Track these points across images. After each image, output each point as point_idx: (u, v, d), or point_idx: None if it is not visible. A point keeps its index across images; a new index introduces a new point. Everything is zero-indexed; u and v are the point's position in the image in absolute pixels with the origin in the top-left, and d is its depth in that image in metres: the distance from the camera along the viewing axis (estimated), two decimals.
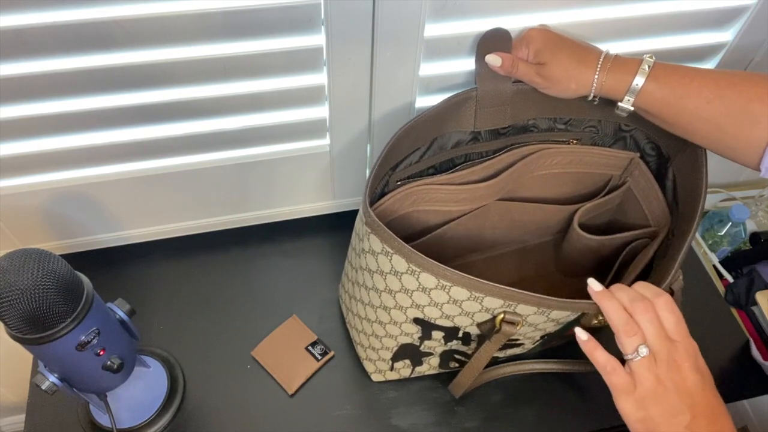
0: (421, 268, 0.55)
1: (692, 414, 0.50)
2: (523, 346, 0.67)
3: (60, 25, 0.52)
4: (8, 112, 0.59)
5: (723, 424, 0.50)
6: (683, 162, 0.66)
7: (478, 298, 0.55)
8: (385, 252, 0.56)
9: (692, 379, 0.51)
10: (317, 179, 0.79)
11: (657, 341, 0.51)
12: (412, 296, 0.58)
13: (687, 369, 0.51)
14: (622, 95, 0.59)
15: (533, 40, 0.61)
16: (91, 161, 0.68)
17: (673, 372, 0.51)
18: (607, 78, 0.58)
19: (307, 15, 0.57)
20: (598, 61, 0.59)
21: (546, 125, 0.70)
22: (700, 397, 0.50)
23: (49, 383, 0.55)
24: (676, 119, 0.58)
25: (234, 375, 0.74)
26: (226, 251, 0.84)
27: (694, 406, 0.50)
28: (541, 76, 0.61)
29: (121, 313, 0.60)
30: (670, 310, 0.53)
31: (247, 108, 0.66)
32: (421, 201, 0.68)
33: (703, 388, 0.51)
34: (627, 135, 0.71)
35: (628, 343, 0.52)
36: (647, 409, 0.51)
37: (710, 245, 0.96)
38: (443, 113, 0.64)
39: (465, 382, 0.67)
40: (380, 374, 0.73)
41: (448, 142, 0.68)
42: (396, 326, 0.63)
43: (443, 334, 0.63)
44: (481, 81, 0.64)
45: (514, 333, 0.58)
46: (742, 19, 0.69)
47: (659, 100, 0.57)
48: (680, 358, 0.51)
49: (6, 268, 0.48)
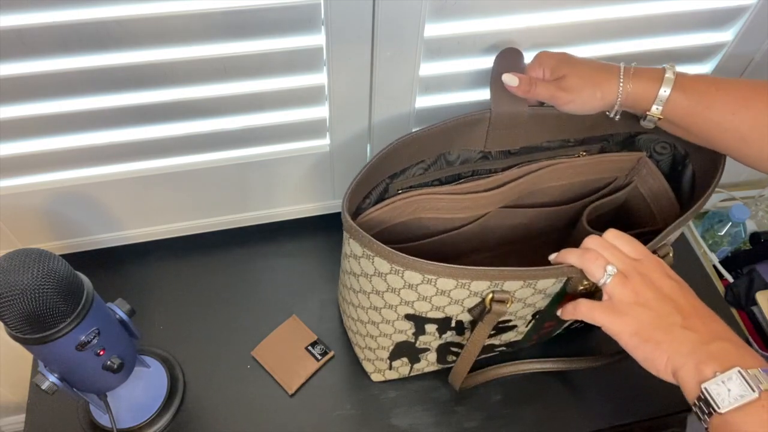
0: (404, 267, 0.55)
1: (682, 314, 0.49)
2: (517, 330, 0.67)
3: (60, 25, 0.52)
4: (8, 112, 0.59)
5: (718, 324, 0.49)
6: (702, 156, 0.65)
7: (465, 285, 0.56)
8: (366, 255, 0.57)
9: (668, 285, 0.51)
10: (317, 179, 0.79)
11: (620, 262, 0.52)
12: (400, 294, 0.58)
13: (659, 278, 0.51)
14: (650, 104, 0.57)
15: (546, 60, 0.60)
16: (91, 161, 0.68)
17: (647, 283, 0.51)
18: (633, 86, 0.57)
19: (307, 15, 0.57)
20: (619, 72, 0.57)
21: (558, 144, 0.69)
22: (683, 301, 0.50)
23: (49, 383, 0.55)
24: (700, 130, 0.57)
25: (234, 375, 0.74)
26: (226, 251, 0.84)
27: (680, 308, 0.50)
28: (562, 89, 0.58)
29: (121, 313, 0.60)
30: (619, 236, 0.54)
31: (247, 108, 0.66)
32: (423, 209, 0.68)
33: (682, 292, 0.51)
34: (636, 139, 0.70)
35: (594, 268, 0.52)
36: (637, 320, 0.50)
37: (710, 245, 0.96)
38: (453, 131, 0.63)
39: (463, 369, 0.67)
40: (380, 374, 0.73)
41: (457, 159, 0.67)
42: (389, 325, 0.63)
43: (436, 327, 0.63)
44: (496, 104, 0.62)
45: (505, 311, 0.58)
46: (742, 19, 0.69)
47: (685, 110, 0.56)
48: (648, 270, 0.52)
49: (6, 268, 0.48)
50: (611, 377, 0.75)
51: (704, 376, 0.46)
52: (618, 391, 0.75)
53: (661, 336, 0.49)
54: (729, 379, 0.44)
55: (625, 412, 0.74)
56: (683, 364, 0.47)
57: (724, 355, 0.46)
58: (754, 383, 0.43)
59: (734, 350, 0.47)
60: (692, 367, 0.46)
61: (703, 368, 0.46)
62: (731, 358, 0.46)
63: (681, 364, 0.47)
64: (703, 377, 0.45)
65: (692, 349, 0.47)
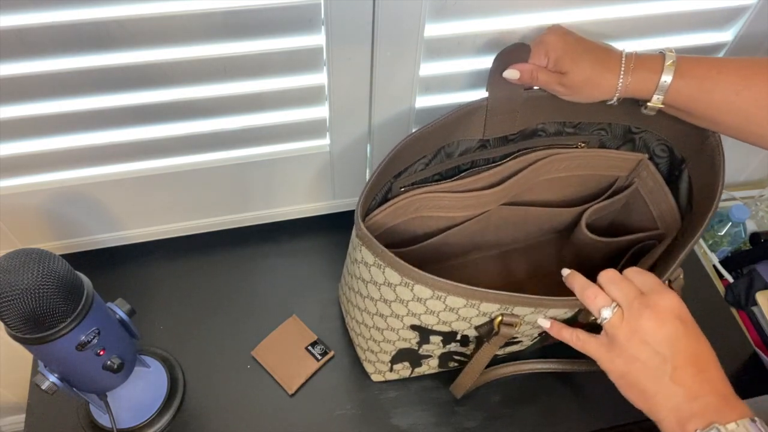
0: (414, 281, 0.55)
1: (673, 364, 0.49)
2: (521, 344, 0.67)
3: (60, 25, 0.52)
4: (8, 112, 0.59)
5: (712, 373, 0.49)
6: (699, 163, 0.65)
7: (474, 305, 0.55)
8: (378, 264, 0.57)
9: (670, 326, 0.50)
10: (317, 179, 0.79)
11: (624, 297, 0.52)
12: (408, 306, 0.58)
13: (663, 316, 0.50)
14: (650, 94, 0.57)
15: (552, 47, 0.58)
16: (91, 161, 0.68)
17: (647, 321, 0.50)
18: (632, 79, 0.57)
19: (307, 15, 0.57)
20: (620, 64, 0.57)
21: (554, 129, 0.69)
22: (682, 345, 0.49)
23: (49, 383, 0.55)
24: (703, 112, 0.57)
25: (234, 375, 0.74)
26: (226, 251, 0.84)
27: (676, 355, 0.49)
28: (562, 85, 0.59)
29: (121, 313, 0.60)
30: (640, 272, 0.53)
31: (248, 108, 0.66)
32: (425, 208, 0.68)
33: (686, 335, 0.50)
34: (636, 137, 0.70)
35: (592, 307, 0.52)
36: (627, 364, 0.50)
37: (710, 245, 0.96)
38: (451, 123, 0.63)
39: (466, 383, 0.67)
40: (380, 375, 0.73)
41: (456, 150, 0.67)
42: (393, 332, 0.63)
43: (441, 338, 0.63)
44: (492, 89, 0.62)
45: (512, 334, 0.58)
46: (742, 19, 0.69)
47: (687, 96, 0.56)
48: (654, 305, 0.50)
49: (6, 268, 0.48)
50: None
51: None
52: (618, 392, 0.75)
53: (648, 385, 0.50)
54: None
55: (625, 412, 0.74)
56: (665, 418, 0.49)
57: (706, 412, 0.47)
58: None
59: (716, 405, 0.47)
60: (674, 422, 0.48)
61: (685, 426, 0.47)
62: (712, 414, 0.47)
63: (663, 418, 0.49)
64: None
65: (676, 405, 0.48)
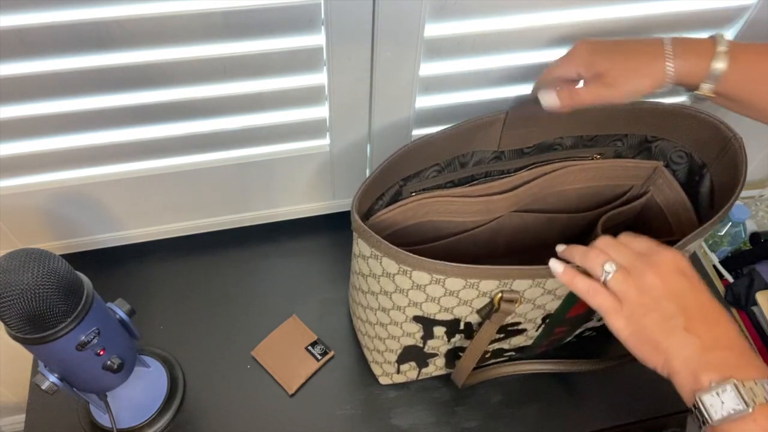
0: (412, 267, 0.55)
1: (686, 316, 0.47)
2: (526, 333, 0.67)
3: (60, 25, 0.52)
4: (8, 112, 0.59)
5: (724, 328, 0.47)
6: (721, 165, 0.64)
7: (473, 285, 0.56)
8: (374, 255, 0.57)
9: (677, 281, 0.48)
10: (317, 179, 0.79)
11: (624, 257, 0.50)
12: (408, 295, 0.58)
13: (668, 273, 0.48)
14: (699, 81, 0.53)
15: (578, 54, 0.55)
16: (91, 161, 0.68)
17: (653, 278, 0.48)
18: (683, 64, 0.52)
19: (307, 15, 0.57)
20: (663, 48, 0.52)
21: (571, 142, 0.68)
22: (691, 300, 0.47)
23: (49, 383, 0.55)
24: (755, 102, 0.53)
25: (234, 375, 0.74)
26: (226, 251, 0.84)
27: (687, 308, 0.47)
28: (606, 86, 0.53)
29: (121, 313, 0.60)
30: (632, 236, 0.52)
31: (247, 108, 0.66)
32: (436, 212, 0.67)
33: (693, 290, 0.48)
34: (652, 145, 0.69)
35: (591, 266, 0.50)
36: (638, 321, 0.48)
37: (710, 245, 0.96)
38: (466, 134, 0.63)
39: (467, 366, 0.66)
40: (387, 377, 0.73)
41: (470, 161, 0.67)
42: (397, 326, 0.63)
43: (445, 330, 0.62)
44: (514, 111, 0.62)
45: (513, 310, 0.57)
46: (742, 19, 0.69)
47: (738, 83, 0.52)
48: (656, 264, 0.49)
49: (6, 268, 0.48)
50: (611, 377, 0.75)
51: (700, 384, 0.45)
52: (618, 392, 0.75)
53: (661, 338, 0.47)
54: (723, 391, 0.43)
55: (625, 413, 0.74)
56: (680, 370, 0.46)
57: (723, 365, 0.45)
58: (749, 396, 0.42)
59: (734, 360, 0.45)
60: (689, 374, 0.45)
61: (699, 376, 0.45)
62: (730, 368, 0.44)
63: (678, 370, 0.46)
64: (699, 386, 0.44)
65: (691, 356, 0.46)
